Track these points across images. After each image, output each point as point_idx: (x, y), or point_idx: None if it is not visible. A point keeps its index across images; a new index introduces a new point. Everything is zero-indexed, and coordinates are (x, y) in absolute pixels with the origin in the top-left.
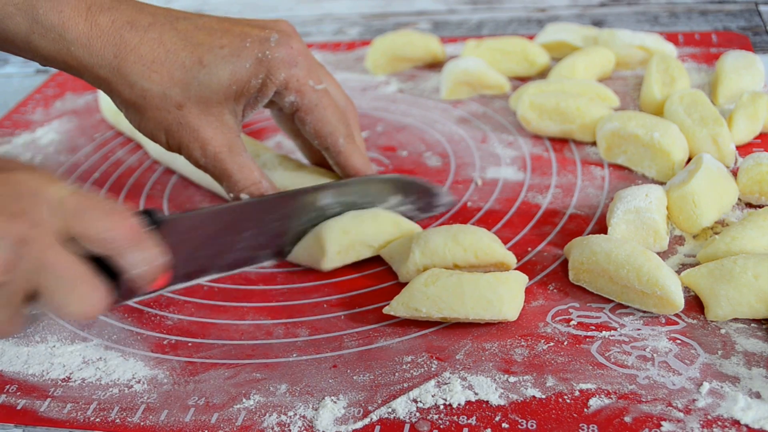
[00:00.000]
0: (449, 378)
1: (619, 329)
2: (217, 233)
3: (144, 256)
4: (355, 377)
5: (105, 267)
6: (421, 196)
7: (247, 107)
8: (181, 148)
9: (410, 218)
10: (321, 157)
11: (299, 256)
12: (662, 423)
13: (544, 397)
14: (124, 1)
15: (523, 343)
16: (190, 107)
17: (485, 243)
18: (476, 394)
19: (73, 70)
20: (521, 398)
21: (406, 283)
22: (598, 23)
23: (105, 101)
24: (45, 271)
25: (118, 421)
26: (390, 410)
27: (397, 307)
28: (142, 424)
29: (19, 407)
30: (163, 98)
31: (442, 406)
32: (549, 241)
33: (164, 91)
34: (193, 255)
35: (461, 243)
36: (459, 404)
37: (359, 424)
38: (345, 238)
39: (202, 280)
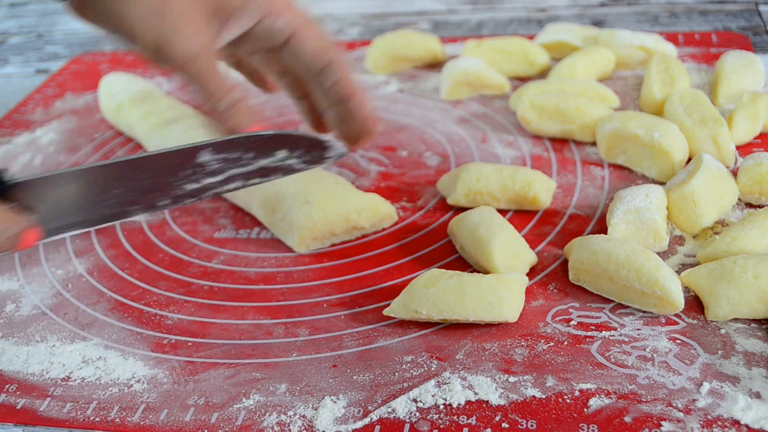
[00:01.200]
0: (449, 378)
1: (619, 329)
2: (82, 191)
3: None
4: (355, 377)
5: None
6: (309, 149)
7: (224, 27)
8: (159, 41)
9: (299, 170)
10: (307, 98)
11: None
12: (662, 423)
13: (544, 397)
14: None
15: (523, 343)
16: (173, 3)
17: (527, 175)
18: (476, 394)
19: None
20: (521, 398)
21: (406, 283)
22: (598, 23)
23: (105, 101)
24: None
25: (117, 420)
26: (390, 410)
27: (397, 308)
28: (141, 423)
29: (18, 407)
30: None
31: (442, 406)
32: (549, 241)
33: None
34: (56, 212)
35: (506, 172)
36: (459, 404)
37: (359, 424)
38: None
39: (73, 233)
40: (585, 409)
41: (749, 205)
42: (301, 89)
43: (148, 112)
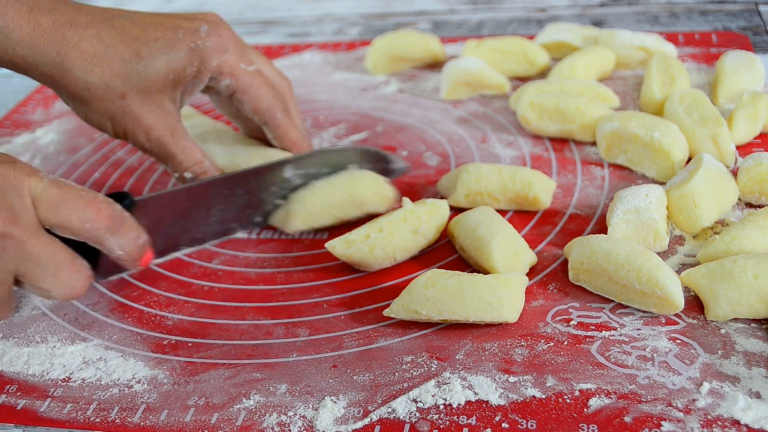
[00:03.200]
0: (449, 378)
1: (619, 329)
2: (188, 210)
3: (125, 239)
4: (355, 377)
5: (86, 248)
6: (375, 163)
7: (185, 93)
8: (127, 134)
9: None
10: (261, 134)
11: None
12: (662, 423)
13: (544, 397)
14: (63, 2)
15: (523, 343)
16: (132, 96)
17: (527, 176)
18: (476, 394)
19: (19, 69)
20: (521, 398)
21: (406, 283)
22: (598, 23)
23: None
24: (28, 260)
25: (118, 421)
26: (390, 410)
27: (397, 309)
28: (142, 424)
29: (19, 407)
30: (106, 90)
31: (442, 406)
32: (549, 241)
33: (107, 83)
34: (167, 231)
35: (506, 172)
36: (459, 404)
37: (359, 424)
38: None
39: (180, 254)
40: (585, 409)
41: (749, 205)
42: (252, 129)
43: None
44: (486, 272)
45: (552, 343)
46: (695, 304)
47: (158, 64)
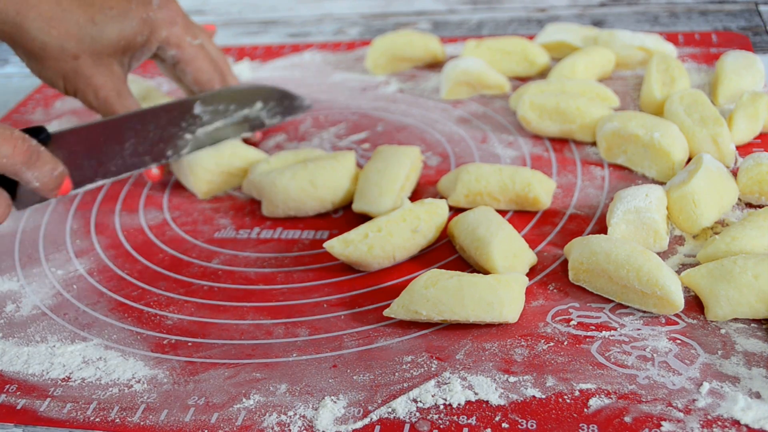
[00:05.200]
0: (449, 378)
1: (619, 329)
2: (103, 143)
3: (41, 171)
4: (355, 377)
5: (6, 179)
6: (280, 100)
7: (133, 59)
8: (77, 92)
9: (274, 122)
10: None
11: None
12: (662, 423)
13: (544, 397)
14: None
15: (523, 343)
16: (85, 58)
17: (527, 176)
18: (476, 394)
19: None
20: (521, 398)
21: (406, 283)
22: (598, 23)
23: None
24: None
25: (118, 420)
26: (390, 410)
27: (398, 309)
28: (142, 423)
29: (19, 407)
30: (60, 50)
31: (442, 406)
32: (549, 241)
33: (61, 44)
34: (83, 164)
35: (506, 172)
36: (459, 404)
37: (359, 424)
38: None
39: (94, 186)
40: (585, 409)
41: (749, 205)
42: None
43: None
44: (486, 272)
45: (552, 343)
46: (695, 304)
47: (111, 31)
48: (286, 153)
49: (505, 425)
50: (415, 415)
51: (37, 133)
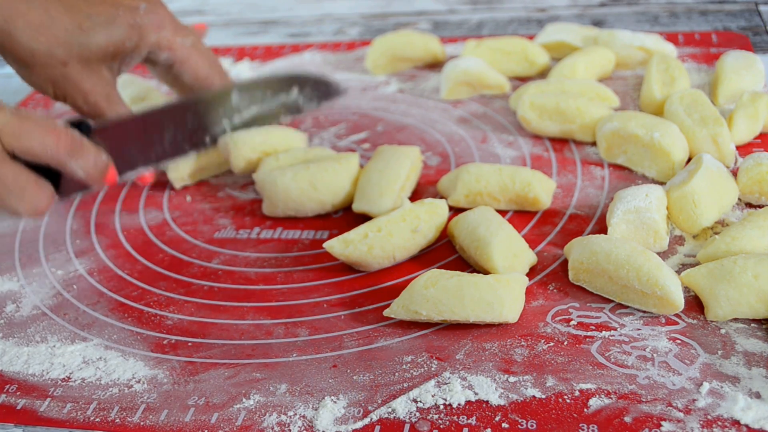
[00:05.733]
0: (449, 378)
1: (619, 329)
2: (143, 133)
3: (86, 161)
4: (355, 377)
5: (49, 171)
6: (316, 85)
7: (122, 64)
8: (66, 98)
9: (309, 106)
10: None
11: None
12: (662, 423)
13: (544, 397)
14: None
15: (523, 343)
16: (74, 64)
17: (527, 176)
18: (476, 394)
19: None
20: (521, 398)
21: (406, 283)
22: (598, 23)
23: None
24: None
25: (118, 420)
26: (390, 410)
27: (398, 310)
28: (142, 423)
29: (19, 407)
30: (49, 56)
31: (442, 406)
32: (549, 241)
33: (50, 50)
34: (124, 154)
35: (506, 172)
36: (459, 404)
37: (359, 424)
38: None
39: (135, 174)
40: (585, 409)
41: (749, 205)
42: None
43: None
44: (486, 272)
45: (552, 343)
46: (695, 304)
47: (99, 37)
48: (296, 151)
49: (505, 425)
50: (415, 415)
51: (79, 125)
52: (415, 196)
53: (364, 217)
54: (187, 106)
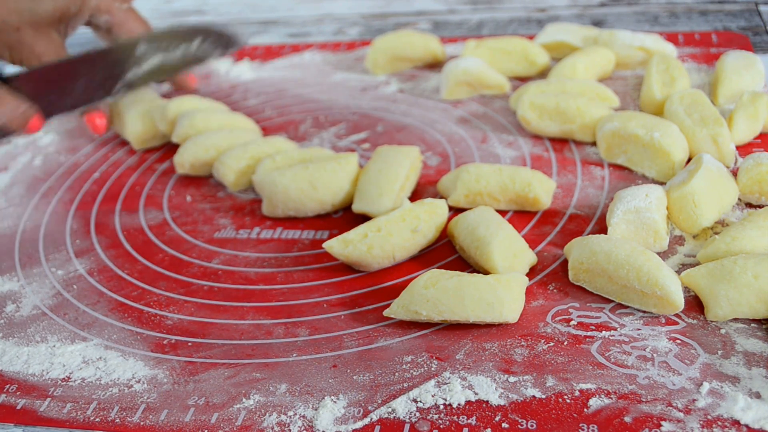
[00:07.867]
0: (449, 378)
1: (619, 329)
2: (57, 82)
3: (5, 109)
4: (355, 377)
5: None
6: (217, 37)
7: (69, 27)
8: (23, 60)
9: (212, 57)
10: None
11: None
12: (662, 423)
13: (544, 397)
14: None
15: (523, 343)
16: (26, 29)
17: (527, 176)
18: (476, 394)
19: None
20: (521, 398)
21: (406, 283)
22: (598, 23)
23: None
24: None
25: (118, 420)
26: (390, 410)
27: (398, 310)
28: (142, 423)
29: (19, 407)
30: (3, 24)
31: (442, 406)
32: (549, 241)
33: (4, 18)
34: (42, 101)
35: (506, 172)
36: (459, 404)
37: (359, 424)
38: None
39: (57, 116)
40: (585, 409)
41: (749, 205)
42: None
43: (146, 112)
44: (486, 272)
45: (552, 343)
46: (695, 304)
47: (46, 3)
48: (293, 151)
49: (505, 425)
50: (415, 415)
51: None
52: (415, 196)
53: (364, 217)
54: (98, 55)
